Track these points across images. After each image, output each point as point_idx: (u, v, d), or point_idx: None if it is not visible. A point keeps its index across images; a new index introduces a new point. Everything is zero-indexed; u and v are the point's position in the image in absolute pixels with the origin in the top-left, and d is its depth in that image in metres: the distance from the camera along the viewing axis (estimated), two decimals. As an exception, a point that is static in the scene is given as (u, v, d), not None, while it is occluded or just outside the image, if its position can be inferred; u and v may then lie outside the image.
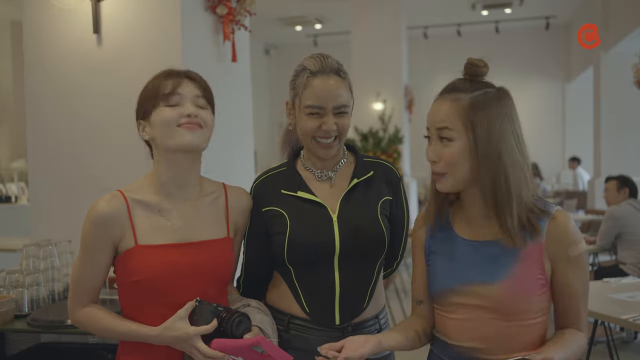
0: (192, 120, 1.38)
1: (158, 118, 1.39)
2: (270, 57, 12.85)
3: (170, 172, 1.43)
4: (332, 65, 1.52)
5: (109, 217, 1.38)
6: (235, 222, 1.54)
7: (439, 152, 1.29)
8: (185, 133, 1.38)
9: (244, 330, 1.34)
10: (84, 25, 2.61)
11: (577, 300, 1.30)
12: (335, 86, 1.50)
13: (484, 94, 1.27)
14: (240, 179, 2.37)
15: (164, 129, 1.38)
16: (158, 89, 1.41)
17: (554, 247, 1.28)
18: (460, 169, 1.28)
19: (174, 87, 1.40)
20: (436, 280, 1.37)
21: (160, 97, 1.39)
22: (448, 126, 1.27)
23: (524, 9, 10.28)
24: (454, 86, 1.31)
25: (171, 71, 1.45)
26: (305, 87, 1.51)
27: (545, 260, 1.28)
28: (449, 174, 1.30)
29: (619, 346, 4.00)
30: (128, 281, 1.39)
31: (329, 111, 1.50)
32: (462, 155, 1.27)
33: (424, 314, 1.45)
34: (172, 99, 1.39)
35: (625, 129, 7.90)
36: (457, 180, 1.30)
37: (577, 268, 1.29)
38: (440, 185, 1.32)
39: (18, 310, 2.25)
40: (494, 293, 1.27)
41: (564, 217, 1.29)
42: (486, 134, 1.24)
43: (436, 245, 1.40)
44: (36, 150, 2.76)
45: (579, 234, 1.31)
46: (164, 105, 1.39)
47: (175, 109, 1.39)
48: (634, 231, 4.45)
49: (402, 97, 8.48)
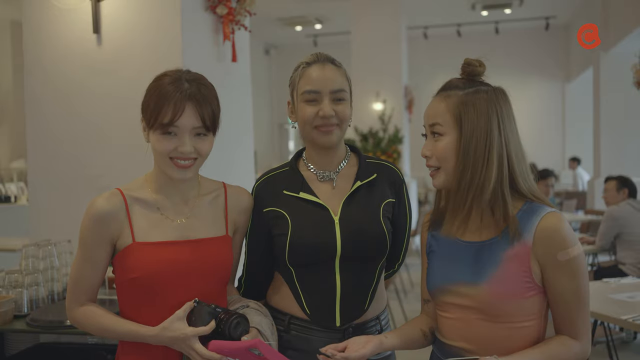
0: (186, 156, 1.37)
1: (153, 141, 1.38)
2: (270, 57, 12.85)
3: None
4: (326, 56, 1.56)
5: (107, 215, 1.38)
6: (235, 221, 1.54)
7: (431, 147, 1.33)
8: (174, 170, 1.38)
9: (241, 332, 1.34)
10: (83, 25, 2.61)
11: (570, 307, 1.26)
12: (330, 72, 1.53)
13: (475, 92, 1.30)
14: (240, 179, 2.38)
15: (156, 154, 1.39)
16: (158, 112, 1.35)
17: (542, 250, 1.25)
18: (450, 163, 1.30)
19: (172, 118, 1.34)
20: (431, 278, 1.39)
21: (158, 123, 1.35)
22: (439, 122, 1.31)
23: (524, 9, 10.28)
24: (450, 84, 1.34)
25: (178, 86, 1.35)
26: (301, 77, 1.54)
27: (532, 262, 1.26)
28: (442, 170, 1.32)
29: (619, 346, 4.00)
30: (126, 279, 1.39)
31: (326, 96, 1.51)
32: (451, 150, 1.29)
33: (431, 312, 1.47)
34: (169, 129, 1.36)
35: (625, 129, 7.91)
36: (449, 175, 1.31)
37: (569, 274, 1.25)
38: (435, 181, 1.35)
39: (17, 310, 2.24)
40: (479, 293, 1.28)
41: (555, 220, 1.26)
42: (471, 130, 1.27)
43: (435, 245, 1.42)
44: (36, 150, 2.76)
45: (573, 239, 1.26)
46: (160, 133, 1.36)
47: (171, 141, 1.36)
48: (633, 231, 4.45)
49: (402, 97, 8.47)
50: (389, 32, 8.43)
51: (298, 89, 1.54)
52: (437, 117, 1.31)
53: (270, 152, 12.56)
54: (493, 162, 1.26)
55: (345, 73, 1.57)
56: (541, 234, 1.25)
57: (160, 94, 1.36)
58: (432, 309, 1.45)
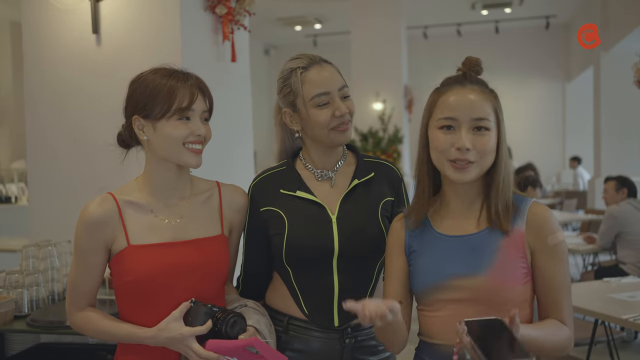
0: (199, 140, 1.40)
1: (168, 130, 1.37)
2: (269, 57, 12.84)
3: (161, 174, 1.44)
4: (318, 56, 1.55)
5: (99, 220, 1.38)
6: (230, 220, 1.53)
7: (474, 141, 1.28)
8: (191, 156, 1.39)
9: (238, 330, 1.33)
10: (83, 25, 2.61)
11: (557, 291, 1.30)
12: (330, 70, 1.53)
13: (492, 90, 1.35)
14: (239, 179, 2.37)
15: (169, 143, 1.38)
16: (174, 97, 1.36)
17: (533, 235, 1.30)
18: (489, 158, 1.30)
19: (190, 100, 1.37)
20: (419, 279, 1.36)
21: (174, 108, 1.36)
22: (487, 117, 1.29)
23: (524, 8, 10.27)
24: (472, 78, 1.33)
25: (179, 75, 1.40)
26: (303, 82, 1.51)
27: (526, 248, 1.30)
28: (477, 164, 1.29)
29: (619, 346, 4.00)
30: (122, 282, 1.40)
31: (336, 95, 1.51)
32: (493, 146, 1.30)
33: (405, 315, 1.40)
34: (187, 114, 1.38)
35: (625, 128, 7.90)
36: (482, 171, 1.31)
37: (556, 258, 1.30)
38: (465, 174, 1.29)
39: (18, 310, 2.25)
40: (478, 284, 1.28)
41: (542, 208, 1.33)
42: (504, 128, 1.32)
43: (417, 245, 1.38)
44: (35, 150, 2.76)
45: (557, 224, 1.33)
46: (177, 119, 1.37)
47: (187, 126, 1.38)
48: (633, 230, 4.45)
49: (401, 97, 8.47)
50: (389, 32, 8.42)
51: (304, 95, 1.51)
52: (484, 112, 1.29)
53: (270, 152, 12.52)
54: (510, 158, 1.32)
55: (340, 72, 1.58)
56: (532, 219, 1.31)
57: (167, 85, 1.37)
58: (406, 314, 1.39)
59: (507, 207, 1.32)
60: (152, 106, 1.38)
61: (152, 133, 1.39)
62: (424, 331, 1.39)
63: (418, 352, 1.42)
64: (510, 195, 1.33)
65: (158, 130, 1.38)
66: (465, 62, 1.35)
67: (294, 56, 1.57)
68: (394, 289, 1.40)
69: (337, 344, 1.53)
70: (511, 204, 1.32)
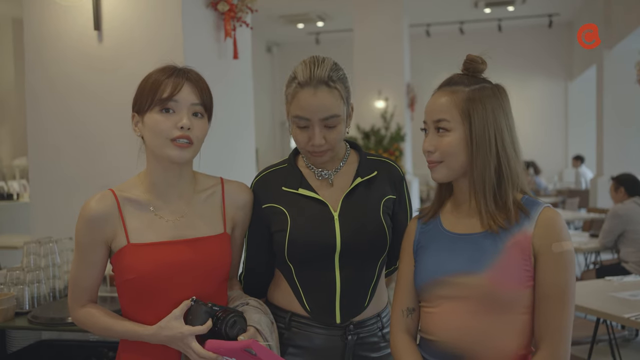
0: (183, 134, 1.35)
1: (150, 122, 1.36)
2: (272, 54, 12.83)
3: (161, 170, 1.42)
4: (320, 76, 1.45)
5: (99, 216, 1.38)
6: (233, 218, 1.52)
7: (435, 142, 1.33)
8: (174, 149, 1.36)
9: (238, 330, 1.33)
10: (84, 22, 2.60)
11: (553, 302, 1.25)
12: (321, 99, 1.44)
13: (481, 88, 1.32)
14: (241, 177, 2.36)
15: (153, 136, 1.36)
16: (157, 90, 1.36)
17: (539, 239, 1.28)
18: (456, 159, 1.31)
19: (172, 91, 1.35)
20: (421, 273, 1.37)
21: (156, 100, 1.35)
22: (446, 118, 1.31)
23: (527, 6, 10.25)
24: (452, 80, 1.35)
25: (173, 69, 1.40)
26: (293, 97, 1.48)
27: (532, 252, 1.28)
28: (443, 163, 1.33)
29: (621, 344, 3.99)
30: (123, 280, 1.39)
31: (316, 123, 1.46)
32: (458, 146, 1.31)
33: (414, 323, 1.43)
34: (168, 105, 1.35)
35: (628, 127, 7.89)
36: (451, 170, 1.33)
37: (559, 267, 1.26)
38: (435, 174, 1.35)
39: (19, 307, 2.25)
40: (477, 283, 1.27)
41: (554, 213, 1.31)
42: (482, 126, 1.29)
43: (425, 240, 1.41)
44: (37, 147, 2.76)
45: (567, 234, 1.30)
46: (158, 110, 1.35)
47: (170, 118, 1.35)
48: (637, 229, 4.44)
49: (404, 95, 8.46)
50: (391, 30, 8.41)
51: (290, 109, 1.50)
52: (442, 113, 1.32)
53: (272, 150, 12.55)
54: (505, 156, 1.30)
55: (340, 92, 1.47)
56: (542, 223, 1.29)
57: (156, 78, 1.37)
58: (416, 320, 1.42)
59: (506, 207, 1.30)
60: (140, 100, 1.38)
61: (143, 128, 1.39)
62: (422, 327, 1.40)
63: (420, 350, 1.42)
64: (509, 194, 1.30)
65: (145, 124, 1.38)
66: (464, 63, 1.36)
67: (310, 58, 1.51)
68: (404, 294, 1.44)
69: (339, 341, 1.53)
70: (512, 204, 1.30)
